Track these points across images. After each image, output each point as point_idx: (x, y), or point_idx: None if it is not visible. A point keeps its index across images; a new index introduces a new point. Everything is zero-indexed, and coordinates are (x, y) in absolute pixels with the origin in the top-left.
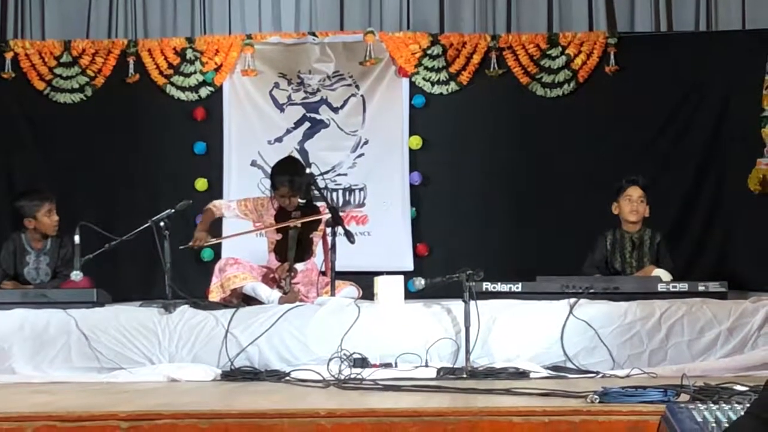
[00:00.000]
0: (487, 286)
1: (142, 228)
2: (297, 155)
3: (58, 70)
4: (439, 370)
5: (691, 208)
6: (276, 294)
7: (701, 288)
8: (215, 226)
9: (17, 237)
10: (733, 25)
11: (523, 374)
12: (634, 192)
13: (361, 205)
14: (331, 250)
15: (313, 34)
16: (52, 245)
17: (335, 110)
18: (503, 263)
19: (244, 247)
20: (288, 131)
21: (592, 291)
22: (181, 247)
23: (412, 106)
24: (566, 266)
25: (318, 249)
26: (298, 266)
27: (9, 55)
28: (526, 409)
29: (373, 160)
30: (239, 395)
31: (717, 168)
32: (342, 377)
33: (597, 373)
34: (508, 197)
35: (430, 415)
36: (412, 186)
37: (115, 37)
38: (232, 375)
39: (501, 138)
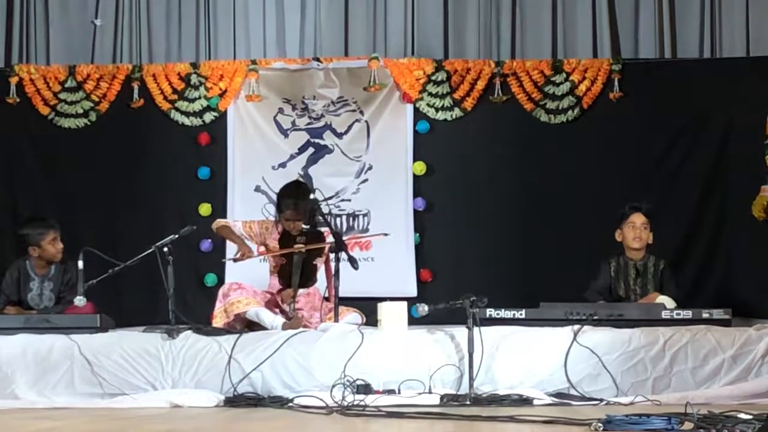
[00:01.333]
0: (490, 312)
1: (145, 253)
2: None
3: (62, 95)
4: (442, 397)
5: (695, 234)
6: (279, 319)
7: (705, 315)
8: (219, 250)
9: (21, 263)
10: (737, 52)
11: (526, 401)
12: (638, 219)
13: (365, 230)
14: (334, 276)
15: (318, 60)
16: (56, 271)
17: (339, 136)
18: (507, 289)
19: (247, 272)
20: (292, 156)
21: (596, 318)
22: (227, 260)
23: (416, 132)
24: (570, 293)
25: (320, 274)
26: (299, 291)
27: (14, 80)
28: None
29: (377, 186)
30: (242, 421)
31: (720, 194)
32: (345, 404)
33: (601, 400)
34: (511, 223)
35: None
36: (415, 212)
37: (120, 62)
38: (235, 401)
39: (505, 164)
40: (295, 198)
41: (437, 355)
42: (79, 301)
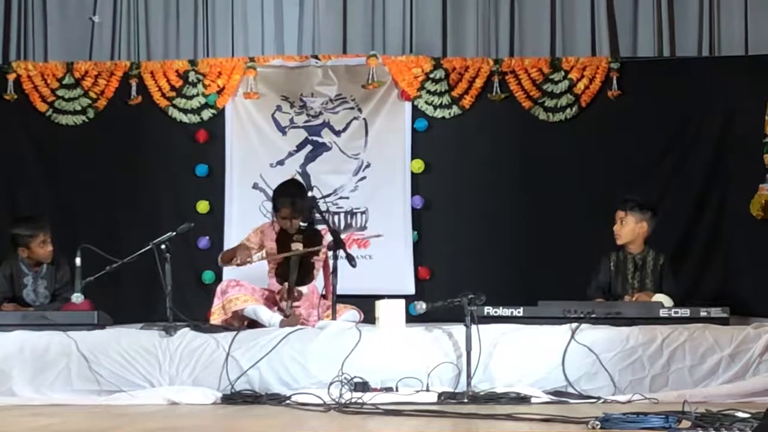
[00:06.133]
0: (488, 310)
1: (143, 251)
2: (299, 178)
3: (60, 92)
4: (440, 395)
5: (693, 233)
6: (277, 317)
7: (703, 313)
8: (216, 248)
9: (14, 260)
10: (736, 51)
11: (524, 399)
12: (617, 214)
13: (363, 228)
14: (332, 274)
15: (316, 57)
16: (48, 269)
17: (337, 133)
18: (505, 287)
19: (245, 270)
20: (290, 154)
21: (593, 316)
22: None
23: (414, 130)
24: (568, 291)
25: (319, 272)
26: (300, 290)
27: (11, 77)
28: None
29: (375, 184)
30: (239, 419)
31: (719, 193)
32: (343, 401)
33: (598, 398)
34: (509, 221)
35: None
36: (413, 209)
37: (118, 59)
38: (233, 398)
39: (503, 162)
40: (292, 196)
41: (435, 353)
42: (77, 298)
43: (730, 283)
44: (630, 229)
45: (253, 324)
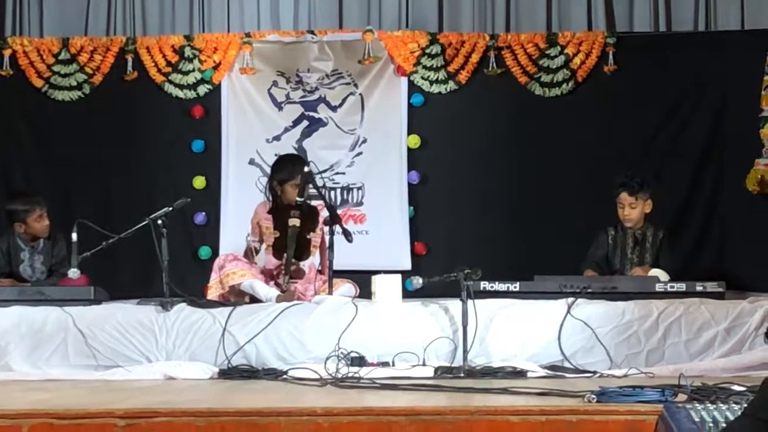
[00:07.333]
0: (484, 285)
1: (140, 226)
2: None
3: (56, 68)
4: (436, 369)
5: (689, 208)
6: (274, 292)
7: (699, 288)
8: (213, 223)
9: (10, 235)
10: (732, 25)
11: (520, 373)
12: (625, 199)
13: (359, 204)
14: (329, 249)
15: (312, 33)
16: (44, 244)
17: (334, 109)
18: (501, 262)
19: (242, 246)
20: (286, 130)
21: (589, 291)
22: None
23: (410, 105)
24: (564, 265)
25: (316, 249)
26: (302, 268)
27: (7, 53)
28: (523, 408)
29: (372, 159)
30: (236, 393)
31: (715, 168)
32: (339, 376)
33: (594, 372)
34: (506, 196)
35: (427, 414)
36: (410, 185)
37: (114, 34)
38: (229, 373)
39: (499, 137)
40: (292, 165)
41: (431, 328)
42: (73, 273)
43: (726, 258)
44: (640, 210)
45: (253, 300)
